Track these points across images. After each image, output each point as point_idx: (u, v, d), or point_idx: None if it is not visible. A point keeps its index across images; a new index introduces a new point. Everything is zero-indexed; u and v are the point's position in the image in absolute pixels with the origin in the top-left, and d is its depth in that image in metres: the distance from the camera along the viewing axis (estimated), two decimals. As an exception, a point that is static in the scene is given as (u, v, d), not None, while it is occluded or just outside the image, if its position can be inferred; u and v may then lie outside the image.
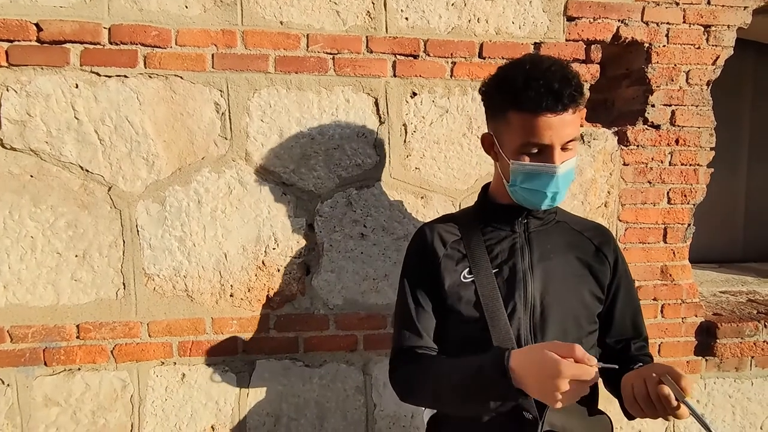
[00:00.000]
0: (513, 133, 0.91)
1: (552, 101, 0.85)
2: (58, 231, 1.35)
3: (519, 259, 0.98)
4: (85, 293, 1.38)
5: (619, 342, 1.06)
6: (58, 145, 1.33)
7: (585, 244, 1.05)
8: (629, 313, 1.07)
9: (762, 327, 1.68)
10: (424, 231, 1.07)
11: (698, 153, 1.62)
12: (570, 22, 1.50)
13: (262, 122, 1.40)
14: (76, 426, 1.41)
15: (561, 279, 0.99)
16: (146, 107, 1.35)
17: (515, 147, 0.91)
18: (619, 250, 1.09)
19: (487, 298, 0.96)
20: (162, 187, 1.39)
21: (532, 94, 0.85)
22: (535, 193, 0.93)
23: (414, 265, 1.05)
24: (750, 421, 1.76)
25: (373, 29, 1.42)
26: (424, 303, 1.02)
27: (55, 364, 1.38)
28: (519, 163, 0.92)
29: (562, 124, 0.87)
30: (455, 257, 1.01)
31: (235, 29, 1.36)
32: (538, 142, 0.88)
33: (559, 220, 1.07)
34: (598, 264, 1.03)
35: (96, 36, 1.31)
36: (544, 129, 0.87)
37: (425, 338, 1.01)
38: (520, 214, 1.01)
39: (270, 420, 1.50)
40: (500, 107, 0.93)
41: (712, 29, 1.57)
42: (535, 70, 0.87)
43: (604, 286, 1.03)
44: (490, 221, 1.04)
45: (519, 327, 0.94)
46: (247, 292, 1.44)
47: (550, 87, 0.85)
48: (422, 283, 1.02)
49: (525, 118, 0.88)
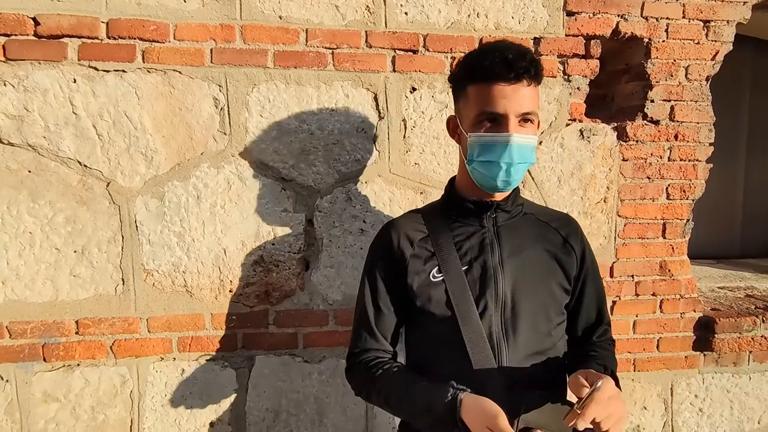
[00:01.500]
0: (470, 106, 0.93)
1: (505, 69, 0.87)
2: (57, 227, 1.35)
3: (489, 256, 0.98)
4: (84, 289, 1.38)
5: (586, 331, 1.08)
6: (56, 140, 1.32)
7: (552, 235, 1.05)
8: (595, 301, 1.08)
9: (760, 322, 1.68)
10: (389, 230, 1.04)
11: (697, 148, 1.62)
12: (570, 17, 1.50)
13: (261, 117, 1.40)
14: (75, 422, 1.41)
15: (531, 273, 0.99)
16: (145, 102, 1.35)
17: (472, 119, 0.93)
18: (585, 239, 1.09)
19: (458, 298, 0.95)
20: (161, 182, 1.38)
21: (486, 63, 0.89)
22: (489, 165, 0.92)
23: (378, 266, 1.03)
24: (748, 415, 1.77)
25: (372, 24, 1.42)
26: (383, 305, 1.01)
27: (54, 360, 1.38)
28: (475, 134, 0.93)
29: (516, 94, 0.88)
30: (423, 256, 1.00)
31: (234, 24, 1.36)
32: (493, 110, 0.89)
33: (527, 212, 1.06)
34: (566, 256, 1.04)
35: (94, 30, 1.30)
36: (498, 98, 0.88)
37: (381, 341, 1.01)
38: (488, 208, 1.00)
39: (269, 415, 1.50)
40: (461, 85, 0.96)
41: (711, 24, 1.57)
42: (490, 45, 0.93)
43: (571, 277, 1.04)
44: (458, 216, 1.02)
45: (491, 324, 0.95)
46: (246, 288, 1.44)
47: (504, 57, 0.88)
48: (385, 285, 1.01)
49: (480, 87, 0.90)
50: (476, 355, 0.92)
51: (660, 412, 1.72)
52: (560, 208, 1.57)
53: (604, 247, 1.61)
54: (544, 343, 0.99)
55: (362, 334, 1.03)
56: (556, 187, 1.56)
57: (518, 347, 0.95)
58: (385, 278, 1.02)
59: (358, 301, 1.05)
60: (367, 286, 1.04)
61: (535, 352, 0.97)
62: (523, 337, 0.95)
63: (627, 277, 1.64)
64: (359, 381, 1.03)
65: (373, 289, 1.03)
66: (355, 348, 1.04)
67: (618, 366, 1.62)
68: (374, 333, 1.01)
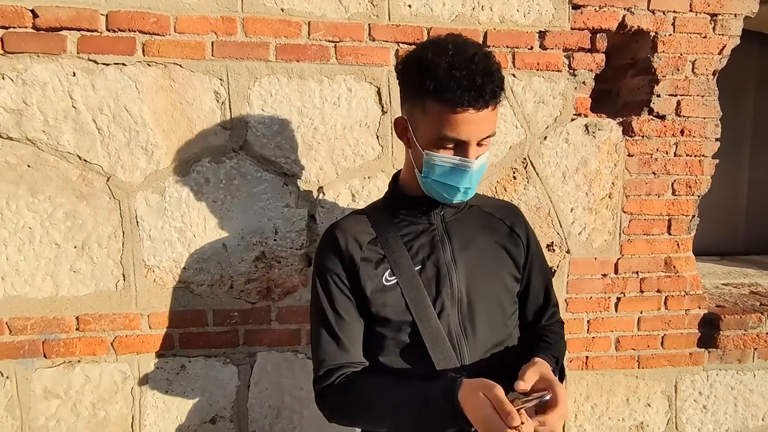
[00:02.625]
0: (429, 123, 0.84)
1: (473, 97, 0.79)
2: (57, 222, 1.33)
3: (441, 253, 0.95)
4: (84, 285, 1.36)
5: (535, 313, 1.08)
6: (55, 134, 1.31)
7: (498, 225, 1.04)
8: (542, 285, 1.08)
9: (765, 319, 1.67)
10: (334, 234, 0.97)
11: (703, 144, 1.61)
12: (575, 10, 1.48)
13: (262, 111, 1.38)
14: (76, 418, 1.40)
15: (482, 267, 0.98)
16: (145, 96, 1.33)
17: (430, 138, 0.86)
18: (529, 226, 1.08)
19: (414, 301, 0.92)
20: (161, 177, 1.36)
21: (453, 86, 0.78)
22: (447, 187, 0.89)
23: (330, 273, 0.95)
24: (752, 413, 1.76)
25: (375, 17, 1.40)
26: (344, 312, 0.93)
27: (54, 356, 1.37)
28: (433, 154, 0.86)
29: (480, 121, 0.82)
30: (374, 259, 0.94)
31: (235, 16, 1.34)
32: (455, 137, 0.83)
33: (472, 204, 1.04)
34: (513, 245, 1.03)
35: (93, 23, 1.28)
36: (462, 124, 0.81)
37: (352, 353, 0.93)
38: (436, 206, 0.97)
39: (272, 412, 1.49)
40: (418, 92, 0.84)
41: (718, 18, 1.55)
42: (458, 58, 0.80)
43: (520, 266, 1.03)
44: (404, 214, 0.98)
45: (449, 324, 0.93)
46: (247, 284, 1.43)
47: (473, 81, 0.78)
48: (342, 292, 0.94)
49: (443, 110, 0.81)
50: (437, 356, 0.90)
51: (664, 409, 1.71)
52: (565, 204, 1.56)
53: (609, 244, 1.60)
54: (501, 334, 0.98)
55: (329, 350, 0.93)
56: (561, 183, 1.55)
57: (478, 343, 0.94)
58: (341, 284, 0.94)
59: (316, 313, 0.96)
60: (323, 296, 0.95)
61: (494, 344, 0.96)
62: (481, 332, 0.94)
63: (632, 273, 1.62)
64: (335, 403, 0.94)
65: (330, 297, 0.94)
66: (321, 368, 0.94)
67: (622, 363, 1.64)
68: (344, 345, 0.93)
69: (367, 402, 0.91)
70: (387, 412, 0.88)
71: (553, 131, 1.53)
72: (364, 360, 0.95)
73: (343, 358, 0.93)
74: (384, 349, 0.95)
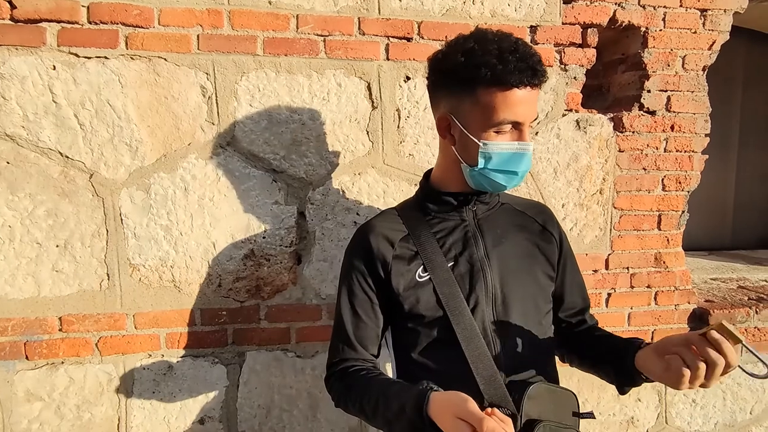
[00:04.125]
0: (483, 111, 0.86)
1: (529, 75, 0.83)
2: (38, 220, 1.30)
3: (474, 249, 0.95)
4: (67, 284, 1.33)
5: (572, 315, 1.08)
6: (35, 129, 1.27)
7: (530, 223, 1.04)
8: (577, 285, 1.08)
9: (753, 313, 1.69)
10: (365, 233, 0.99)
11: (693, 139, 1.61)
12: (566, 4, 1.47)
13: (250, 107, 1.35)
14: (60, 421, 1.36)
15: (515, 263, 0.97)
16: (129, 90, 1.29)
17: (485, 127, 0.86)
18: (560, 225, 1.09)
19: (447, 296, 0.92)
20: (146, 174, 1.33)
21: (511, 68, 0.82)
22: (506, 174, 0.90)
23: (356, 271, 0.98)
24: (740, 406, 1.78)
25: (365, 10, 1.37)
26: (363, 313, 0.97)
27: (37, 358, 1.33)
28: (491, 143, 0.87)
29: (532, 101, 0.86)
30: (406, 256, 0.96)
31: (222, 9, 1.31)
32: (513, 119, 0.85)
33: (502, 202, 1.04)
34: (546, 243, 1.03)
35: (74, 15, 1.24)
36: (518, 105, 0.84)
37: (359, 350, 0.97)
38: (468, 202, 0.97)
39: (261, 412, 1.47)
40: (468, 83, 0.86)
41: (708, 13, 1.55)
42: (506, 44, 0.83)
43: (554, 264, 1.03)
44: (436, 211, 0.99)
45: (483, 320, 0.92)
46: (236, 282, 1.41)
47: (526, 61, 0.82)
48: (364, 292, 0.97)
49: (500, 94, 0.83)
50: (471, 353, 0.89)
51: (654, 404, 1.72)
52: (556, 200, 1.55)
53: (600, 239, 1.60)
54: (536, 331, 0.97)
55: (339, 345, 0.99)
56: (552, 179, 1.54)
57: (512, 339, 0.94)
58: (365, 284, 0.97)
59: (336, 309, 1.01)
60: (345, 293, 0.99)
61: (529, 342, 0.95)
62: (515, 328, 0.94)
63: (622, 269, 1.63)
64: (337, 391, 0.98)
65: (351, 295, 0.98)
66: (332, 359, 1.00)
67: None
68: (352, 343, 0.97)
69: (355, 396, 0.92)
70: (371, 411, 0.89)
71: (544, 127, 1.52)
72: (372, 357, 0.99)
73: (350, 354, 0.97)
74: (418, 346, 0.95)
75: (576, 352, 1.07)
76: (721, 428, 1.78)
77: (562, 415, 0.93)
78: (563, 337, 1.08)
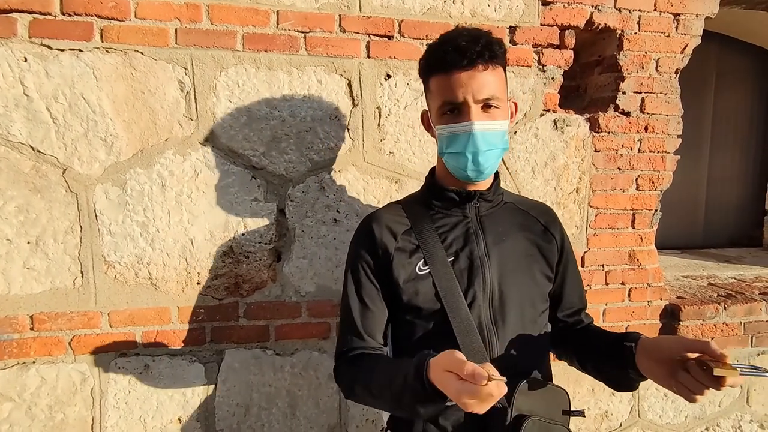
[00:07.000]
0: (434, 98, 0.94)
1: (458, 56, 0.87)
2: (8, 216, 1.26)
3: (474, 246, 0.97)
4: (38, 282, 1.30)
5: (569, 315, 1.10)
6: (5, 123, 1.23)
7: (533, 223, 1.06)
8: (576, 287, 1.11)
9: (722, 309, 1.74)
10: (370, 223, 1.01)
11: (666, 140, 1.65)
12: (545, 6, 1.49)
13: (229, 102, 1.34)
14: (31, 422, 1.33)
15: (514, 261, 0.99)
16: (104, 84, 1.27)
17: (436, 111, 0.93)
18: (563, 227, 1.11)
19: (446, 290, 0.93)
20: (122, 169, 1.31)
21: (440, 54, 0.89)
22: (457, 156, 0.93)
23: (361, 261, 0.99)
24: (710, 399, 1.84)
25: (346, 8, 1.37)
26: (369, 301, 0.98)
27: (6, 358, 1.30)
28: (440, 126, 0.93)
29: (472, 80, 0.87)
30: (408, 249, 0.97)
31: (200, 3, 1.29)
32: (452, 100, 0.89)
33: (506, 201, 1.06)
34: (546, 243, 1.04)
35: (46, 5, 1.21)
36: (455, 86, 0.88)
37: (367, 339, 0.98)
38: (472, 198, 0.99)
39: (240, 410, 1.46)
40: (425, 78, 0.96)
41: (681, 18, 1.59)
42: (447, 34, 0.92)
43: (552, 265, 1.04)
44: (439, 206, 1.01)
45: (479, 315, 0.94)
46: (214, 280, 1.39)
47: (457, 45, 0.87)
48: (370, 280, 0.98)
49: (438, 78, 0.91)
50: (467, 347, 0.91)
51: (627, 398, 1.77)
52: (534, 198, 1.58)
53: (576, 237, 1.63)
54: (531, 329, 0.99)
55: (347, 335, 0.99)
56: (530, 178, 1.57)
57: (507, 336, 0.95)
58: (370, 273, 0.98)
59: (343, 300, 1.01)
60: (352, 283, 1.00)
61: (524, 339, 0.97)
62: (511, 325, 0.95)
63: (597, 266, 1.66)
64: (346, 380, 0.98)
65: (358, 285, 0.99)
66: (341, 348, 1.00)
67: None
68: (360, 332, 0.97)
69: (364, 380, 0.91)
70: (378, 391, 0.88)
71: (522, 126, 1.54)
72: (380, 346, 0.99)
73: (359, 344, 0.98)
74: (414, 338, 0.96)
75: (574, 352, 1.08)
76: (691, 421, 1.84)
77: (553, 412, 0.95)
78: (560, 336, 1.10)
